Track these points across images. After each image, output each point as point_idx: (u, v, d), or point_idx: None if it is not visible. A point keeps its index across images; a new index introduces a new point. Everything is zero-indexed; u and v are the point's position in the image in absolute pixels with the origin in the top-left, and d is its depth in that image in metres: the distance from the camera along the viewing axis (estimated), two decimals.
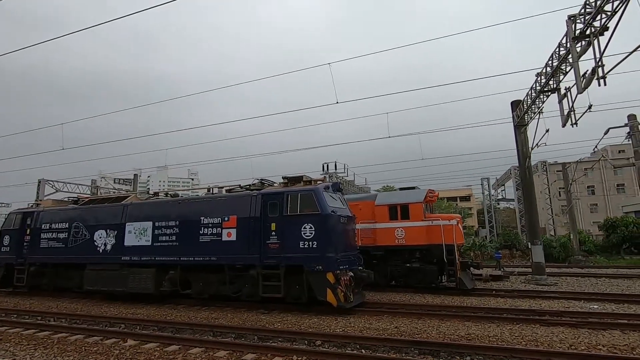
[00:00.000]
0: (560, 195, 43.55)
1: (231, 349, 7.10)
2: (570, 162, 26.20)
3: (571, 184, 24.32)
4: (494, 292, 13.04)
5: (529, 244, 15.58)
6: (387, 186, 47.31)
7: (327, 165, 33.86)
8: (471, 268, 13.39)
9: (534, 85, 13.30)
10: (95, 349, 7.48)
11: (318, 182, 11.11)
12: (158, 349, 7.35)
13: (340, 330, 8.33)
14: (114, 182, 44.25)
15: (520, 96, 14.81)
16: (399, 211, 13.41)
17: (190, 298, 12.39)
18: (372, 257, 13.60)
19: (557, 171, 40.66)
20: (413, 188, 14.46)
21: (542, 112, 13.27)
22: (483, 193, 31.20)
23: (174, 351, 7.19)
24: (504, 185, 36.92)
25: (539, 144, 13.88)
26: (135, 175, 32.10)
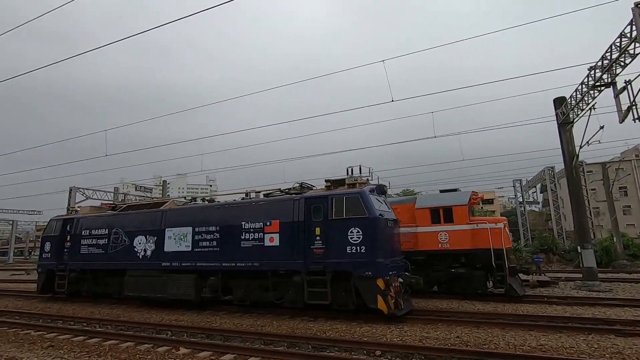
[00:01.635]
0: (588, 196, 41.87)
1: (290, 359, 6.80)
2: (611, 162, 24.93)
3: (612, 185, 23.10)
4: (545, 298, 12.33)
5: (579, 248, 14.74)
6: (407, 190, 46.42)
7: (352, 169, 33.63)
8: (519, 274, 12.72)
9: (585, 80, 12.60)
10: (149, 357, 7.32)
11: (362, 184, 10.76)
12: (214, 358, 7.12)
13: (398, 339, 7.91)
14: (135, 190, 45.19)
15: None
16: (442, 214, 12.89)
17: (229, 304, 12.20)
18: (413, 262, 13.06)
19: (587, 172, 39.08)
20: (455, 190, 13.91)
21: (594, 108, 12.54)
22: (515, 195, 30.05)
23: None
24: (535, 187, 35.55)
25: (589, 142, 13.14)
26: (164, 181, 32.53)
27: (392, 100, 12.29)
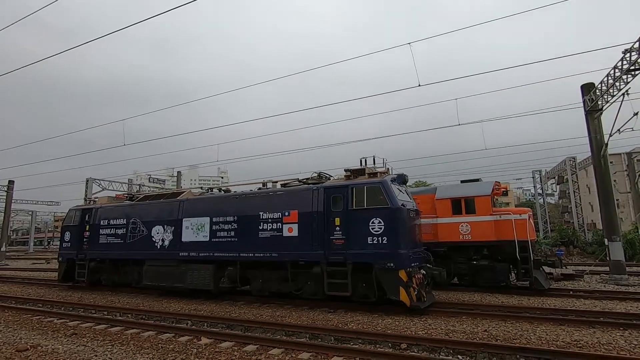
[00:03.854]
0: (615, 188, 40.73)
1: (314, 351, 6.65)
2: (635, 151, 23.95)
3: (639, 176, 22.20)
4: (570, 292, 11.93)
5: (606, 240, 14.20)
6: (419, 181, 45.71)
7: (365, 160, 33.27)
8: (544, 267, 12.32)
9: (619, 64, 11.94)
10: (171, 346, 7.26)
11: (383, 174, 10.47)
12: (236, 348, 7.02)
13: (423, 332, 7.69)
14: (149, 181, 45.72)
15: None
16: (464, 205, 12.52)
17: (247, 295, 12.16)
18: (432, 254, 12.77)
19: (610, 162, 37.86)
20: (477, 180, 13.49)
21: (627, 94, 11.89)
22: (535, 186, 29.22)
23: (253, 351, 6.83)
24: (554, 178, 34.55)
25: (620, 130, 12.51)
26: (178, 172, 32.74)
27: (419, 85, 11.85)
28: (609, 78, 12.74)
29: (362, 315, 9.30)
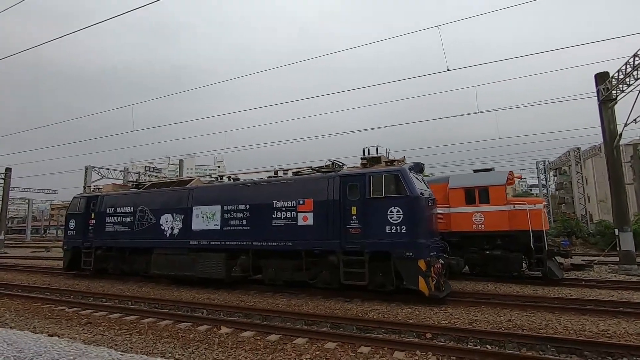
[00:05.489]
0: (605, 180, 41.11)
1: (339, 341, 6.54)
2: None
3: None
4: (583, 282, 11.92)
5: (616, 230, 14.20)
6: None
7: (369, 150, 33.10)
8: (556, 257, 12.29)
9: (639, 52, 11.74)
10: (191, 335, 7.13)
11: (400, 162, 10.28)
12: (258, 337, 6.90)
13: (446, 322, 7.61)
14: (145, 170, 45.18)
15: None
16: (477, 194, 12.40)
17: (257, 284, 12.05)
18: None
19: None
20: (490, 170, 13.34)
21: None
22: (539, 177, 29.18)
23: (277, 340, 6.72)
24: (556, 169, 34.54)
25: (637, 120, 12.38)
26: (180, 160, 32.31)
27: (448, 70, 11.57)
28: (627, 66, 12.55)
29: (380, 305, 9.21)
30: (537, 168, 29.27)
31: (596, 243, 23.77)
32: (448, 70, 11.50)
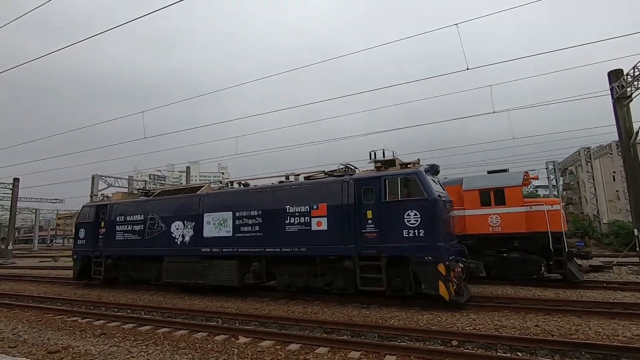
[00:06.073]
0: (614, 180, 40.80)
1: (363, 349, 6.32)
2: None
3: None
4: (604, 284, 11.61)
5: (635, 230, 13.88)
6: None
7: (375, 153, 32.91)
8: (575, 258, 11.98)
9: None
10: (209, 346, 6.94)
11: (415, 164, 10.09)
12: (279, 347, 6.70)
13: (470, 328, 7.37)
14: (149, 178, 45.21)
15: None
16: (493, 196, 12.16)
17: (270, 290, 11.84)
18: None
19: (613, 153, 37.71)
20: (504, 170, 13.11)
21: None
22: (548, 177, 28.82)
23: (298, 350, 6.51)
24: (566, 169, 34.09)
25: None
26: (187, 167, 32.29)
27: (468, 69, 11.44)
28: None
29: (399, 311, 8.97)
30: (546, 169, 28.93)
31: (610, 243, 23.36)
32: (468, 69, 11.36)
